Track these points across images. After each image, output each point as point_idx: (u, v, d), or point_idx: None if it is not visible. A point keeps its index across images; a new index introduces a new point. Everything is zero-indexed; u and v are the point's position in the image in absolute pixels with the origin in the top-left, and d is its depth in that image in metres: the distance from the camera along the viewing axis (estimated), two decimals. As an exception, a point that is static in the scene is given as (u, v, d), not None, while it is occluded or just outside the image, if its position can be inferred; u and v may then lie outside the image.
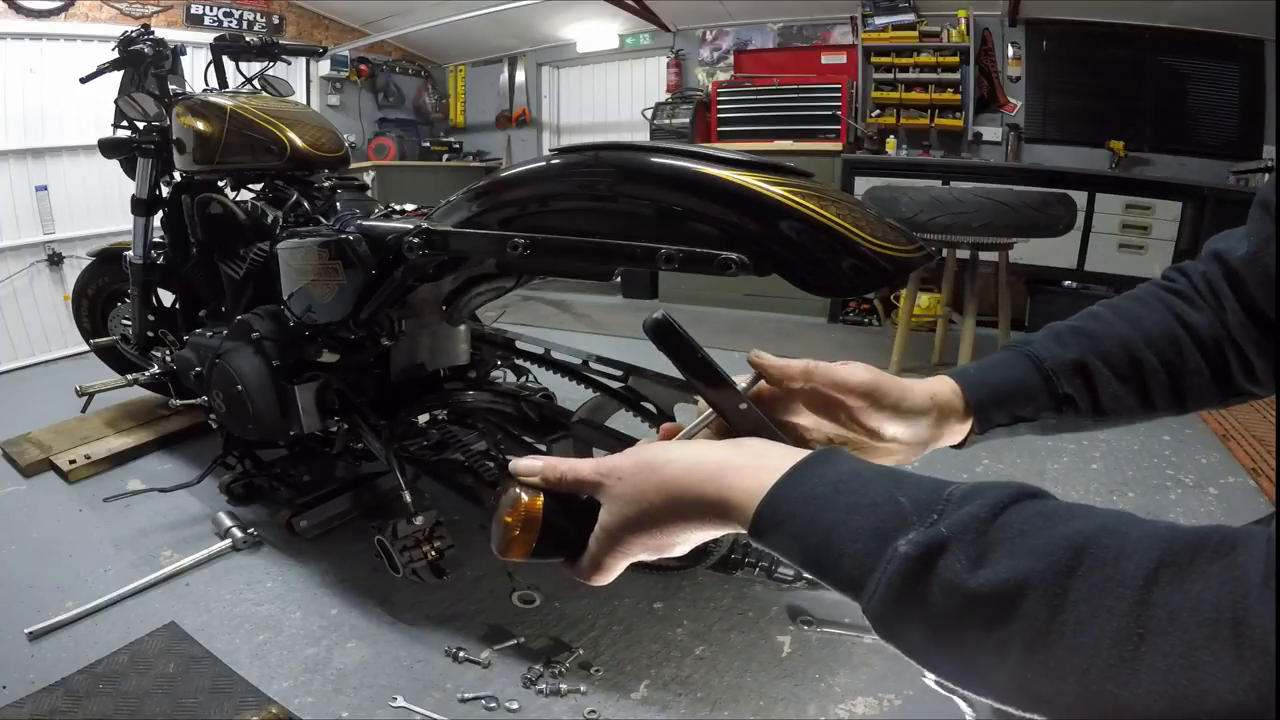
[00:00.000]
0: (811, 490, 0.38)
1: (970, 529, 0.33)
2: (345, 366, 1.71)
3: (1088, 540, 0.31)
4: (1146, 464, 2.38)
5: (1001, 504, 0.34)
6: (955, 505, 0.34)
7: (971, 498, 0.34)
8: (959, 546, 0.32)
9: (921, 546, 0.33)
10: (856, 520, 0.36)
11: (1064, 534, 0.32)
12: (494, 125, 6.11)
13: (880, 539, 0.34)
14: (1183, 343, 0.58)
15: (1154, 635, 0.28)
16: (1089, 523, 0.32)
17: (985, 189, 2.92)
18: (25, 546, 1.92)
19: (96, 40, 3.76)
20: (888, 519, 0.35)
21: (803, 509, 0.38)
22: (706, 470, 0.41)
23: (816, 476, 0.39)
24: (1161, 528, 0.31)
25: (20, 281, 3.76)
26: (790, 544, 0.38)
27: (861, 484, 0.37)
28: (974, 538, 0.32)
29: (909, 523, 0.34)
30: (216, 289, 2.03)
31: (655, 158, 1.02)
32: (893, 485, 0.37)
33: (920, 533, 0.33)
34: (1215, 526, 0.30)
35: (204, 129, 1.88)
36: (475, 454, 1.77)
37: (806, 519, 0.37)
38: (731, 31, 5.14)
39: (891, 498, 0.36)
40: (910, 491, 0.36)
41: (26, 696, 1.35)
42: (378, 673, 1.46)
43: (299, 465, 2.08)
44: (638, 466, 0.43)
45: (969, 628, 0.32)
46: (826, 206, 0.90)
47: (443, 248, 1.28)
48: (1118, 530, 0.31)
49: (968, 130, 4.53)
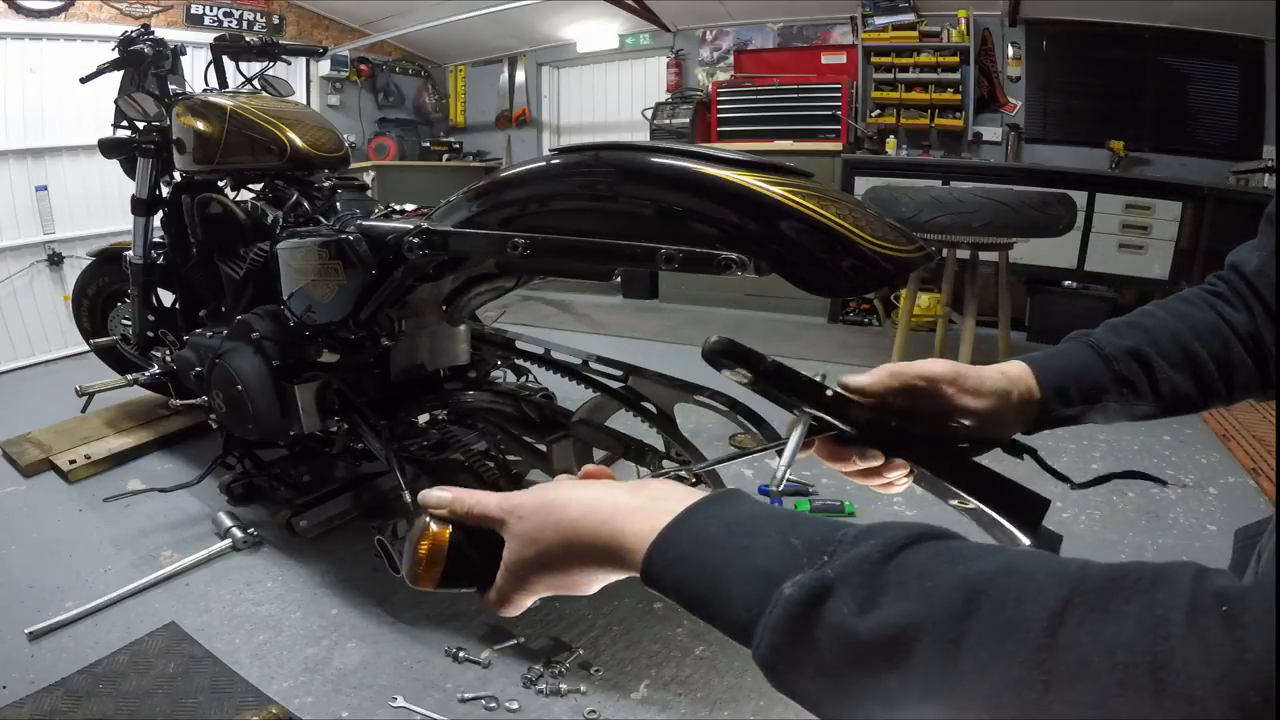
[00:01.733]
0: (704, 531, 0.37)
1: (860, 571, 0.31)
2: (345, 366, 1.71)
3: (987, 581, 0.29)
4: (1146, 464, 2.38)
5: (897, 544, 0.32)
6: (847, 546, 0.33)
7: (865, 538, 0.33)
8: (846, 589, 0.31)
9: (806, 589, 0.31)
10: (746, 562, 0.34)
11: (962, 574, 0.30)
12: (494, 125, 6.11)
13: (768, 582, 0.33)
14: (1228, 338, 0.61)
15: (1062, 682, 0.26)
16: (991, 563, 0.30)
17: (985, 189, 2.92)
18: (25, 546, 1.92)
19: (96, 40, 3.76)
20: (777, 561, 0.33)
21: (693, 551, 0.36)
22: (602, 513, 0.40)
23: (710, 517, 0.37)
24: (1073, 565, 0.29)
25: (20, 281, 3.76)
26: (680, 587, 0.36)
27: (755, 525, 0.36)
28: (863, 580, 0.31)
29: (799, 565, 0.33)
30: (216, 289, 2.03)
31: (655, 158, 1.02)
32: (787, 526, 0.35)
33: (807, 575, 0.32)
34: (1135, 563, 0.28)
35: (204, 129, 1.88)
36: (475, 454, 1.77)
37: (697, 560, 0.36)
38: (731, 31, 5.14)
39: (784, 539, 0.34)
40: (804, 533, 0.35)
41: (26, 696, 1.35)
42: (378, 673, 1.46)
43: (299, 465, 2.08)
44: (537, 506, 0.43)
45: (859, 675, 0.30)
46: (826, 206, 0.90)
47: (443, 248, 1.28)
48: (1022, 570, 0.29)
49: (968, 130, 4.53)
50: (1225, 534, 1.90)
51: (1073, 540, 1.93)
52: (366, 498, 2.08)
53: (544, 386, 1.87)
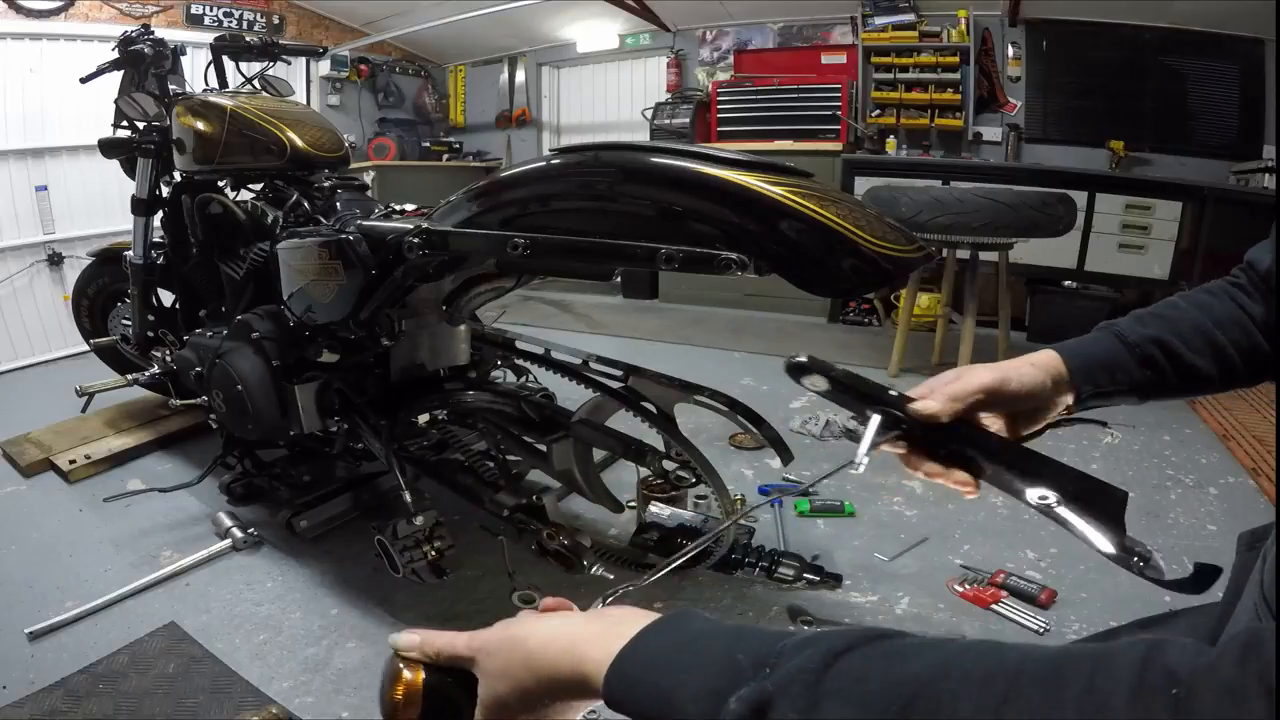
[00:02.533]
0: (655, 654, 0.38)
1: (798, 681, 0.32)
2: (345, 366, 1.71)
3: (923, 684, 0.29)
4: (1146, 464, 2.38)
5: (835, 651, 0.33)
6: (788, 657, 0.34)
7: (804, 647, 0.34)
8: (785, 700, 0.32)
9: (748, 703, 0.32)
10: (697, 682, 0.35)
11: (898, 678, 0.30)
12: (494, 125, 6.11)
13: (715, 699, 0.34)
14: (1248, 326, 0.64)
15: None
16: (928, 663, 0.30)
17: (985, 189, 2.92)
18: (25, 546, 1.92)
19: (96, 40, 3.76)
20: (723, 677, 0.34)
21: (646, 673, 0.38)
22: (562, 643, 0.42)
23: (661, 640, 0.39)
24: (1012, 659, 0.29)
25: (20, 281, 3.76)
26: (639, 709, 0.37)
27: (703, 644, 0.37)
28: (802, 690, 0.31)
29: (743, 679, 0.34)
30: (216, 289, 2.03)
31: (655, 158, 1.02)
32: (732, 642, 0.37)
33: (750, 689, 0.33)
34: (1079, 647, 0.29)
35: (204, 129, 1.88)
36: (475, 454, 1.77)
37: (650, 683, 0.37)
38: (731, 31, 5.14)
39: (729, 655, 0.36)
40: (748, 647, 0.36)
41: (26, 696, 1.35)
42: (378, 673, 1.45)
43: (299, 465, 2.07)
44: (502, 642, 0.44)
45: None
46: (826, 206, 0.90)
47: (443, 248, 1.28)
48: (959, 669, 0.29)
49: (968, 130, 4.53)
50: (1225, 534, 1.90)
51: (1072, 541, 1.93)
52: (366, 498, 2.08)
53: (544, 386, 1.87)
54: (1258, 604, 0.50)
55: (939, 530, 1.95)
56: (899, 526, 1.98)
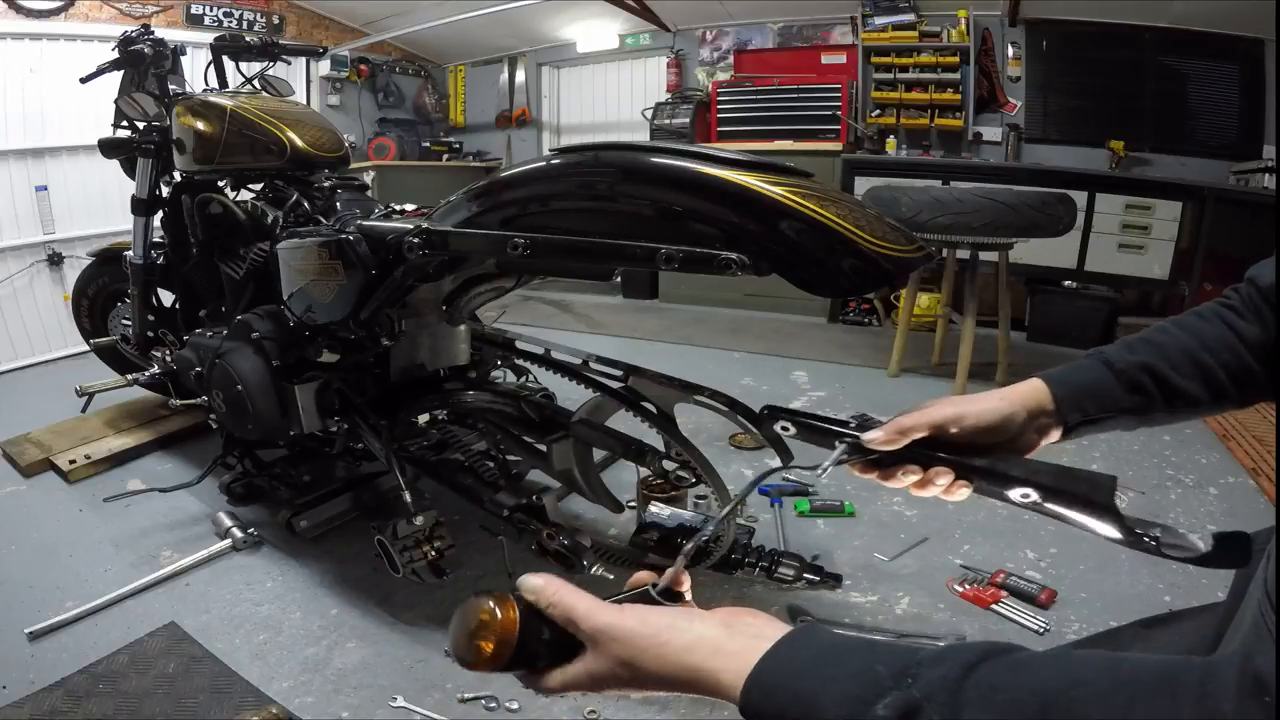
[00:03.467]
0: (795, 665, 0.41)
1: (942, 689, 0.35)
2: (345, 366, 1.71)
3: (1056, 692, 0.32)
4: (1146, 464, 2.38)
5: (970, 664, 0.36)
6: (928, 668, 0.37)
7: (941, 660, 0.37)
8: (932, 708, 0.34)
9: (898, 710, 0.35)
10: (837, 690, 0.38)
11: (1031, 687, 0.33)
12: (494, 125, 6.11)
13: (860, 705, 0.37)
14: (1238, 348, 0.65)
15: None
16: (1055, 674, 0.34)
17: (985, 189, 2.92)
18: (25, 546, 1.92)
19: (96, 40, 3.76)
20: (866, 687, 0.37)
21: (788, 682, 0.40)
22: (705, 652, 0.44)
23: (798, 651, 0.42)
24: (1126, 671, 0.33)
25: (20, 281, 3.76)
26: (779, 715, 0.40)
27: (840, 655, 0.40)
28: (946, 698, 0.34)
29: (885, 689, 0.36)
30: (216, 289, 2.03)
31: (655, 158, 1.02)
32: (869, 655, 0.40)
33: (895, 697, 0.36)
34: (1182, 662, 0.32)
35: (204, 129, 1.88)
36: (475, 454, 1.77)
37: (791, 692, 0.40)
38: (731, 31, 5.14)
39: (869, 666, 0.38)
40: (886, 659, 0.39)
41: (26, 696, 1.35)
42: (378, 673, 1.46)
43: (299, 465, 2.08)
44: (634, 635, 0.46)
45: None
46: (826, 206, 0.90)
47: (443, 248, 1.28)
48: (1083, 678, 0.33)
49: (968, 130, 4.53)
50: (1225, 534, 1.90)
51: (1072, 541, 1.93)
52: (366, 498, 2.08)
53: (544, 386, 1.87)
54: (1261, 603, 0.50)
55: (939, 530, 1.95)
56: (899, 526, 1.98)
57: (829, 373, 3.43)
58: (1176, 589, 1.69)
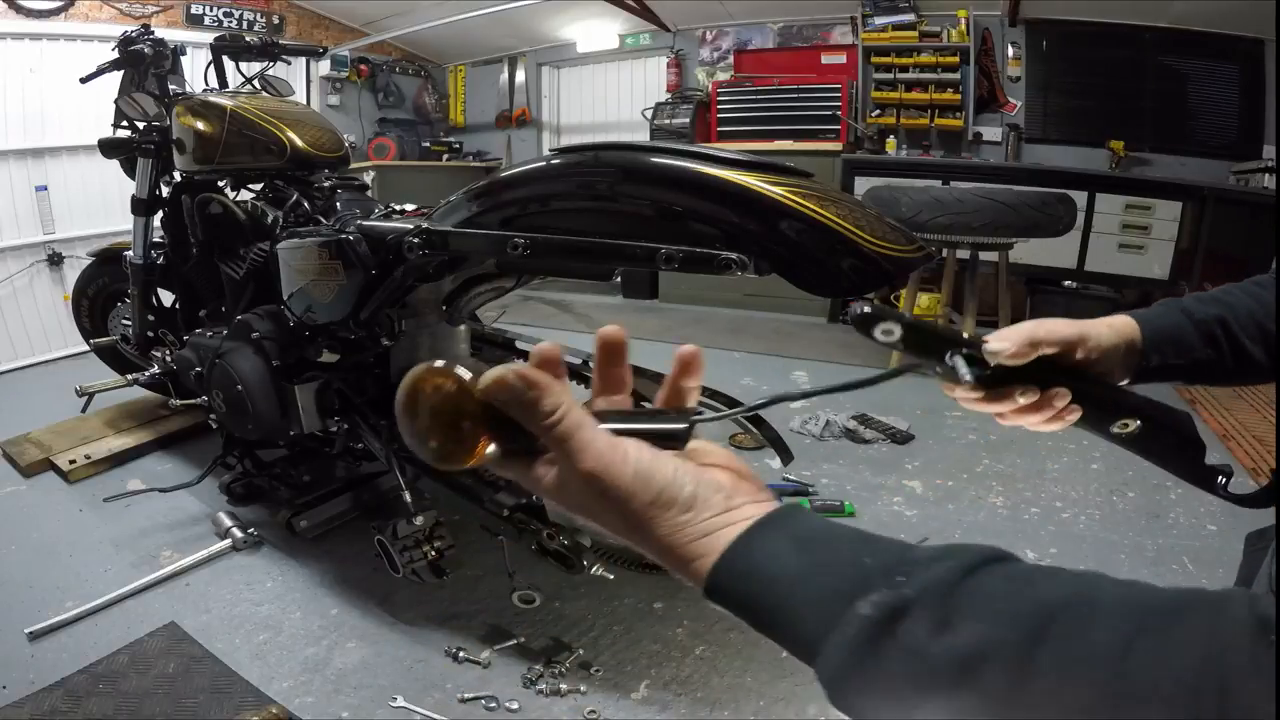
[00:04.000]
0: (772, 547, 0.36)
1: (935, 590, 0.31)
2: (345, 366, 1.71)
3: (1057, 607, 0.30)
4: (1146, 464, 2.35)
5: (969, 567, 0.32)
6: (922, 566, 0.33)
7: (939, 559, 0.33)
8: (922, 610, 0.31)
9: (883, 608, 0.31)
10: (818, 580, 0.34)
11: (1032, 599, 0.30)
12: (494, 125, 6.11)
13: (841, 600, 0.33)
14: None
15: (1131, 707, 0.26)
16: (1059, 587, 0.31)
17: (985, 189, 2.92)
18: (25, 546, 1.92)
19: (96, 40, 3.76)
20: (851, 579, 0.33)
21: (763, 567, 0.36)
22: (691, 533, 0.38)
23: (778, 534, 0.37)
24: (1136, 592, 0.30)
25: (20, 281, 3.76)
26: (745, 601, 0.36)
27: (826, 543, 0.36)
28: (938, 601, 0.31)
29: (872, 583, 0.33)
30: (216, 289, 2.03)
31: (655, 158, 1.02)
32: (858, 546, 0.35)
33: (882, 594, 0.32)
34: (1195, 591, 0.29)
35: (204, 129, 1.88)
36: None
37: (765, 579, 0.35)
38: (731, 31, 5.14)
39: (856, 558, 0.34)
40: (875, 552, 0.35)
41: (26, 696, 1.35)
42: (378, 673, 1.46)
43: (299, 465, 2.08)
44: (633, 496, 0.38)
45: (928, 697, 0.30)
46: (826, 206, 0.90)
47: (443, 248, 1.28)
48: (1090, 596, 0.30)
49: (968, 130, 4.53)
50: (1225, 534, 1.90)
51: (1072, 541, 1.94)
52: (366, 498, 2.08)
53: (544, 386, 1.86)
54: None
55: (939, 530, 1.95)
56: (899, 526, 1.98)
57: (829, 373, 3.43)
58: (1176, 589, 1.69)
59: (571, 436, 0.38)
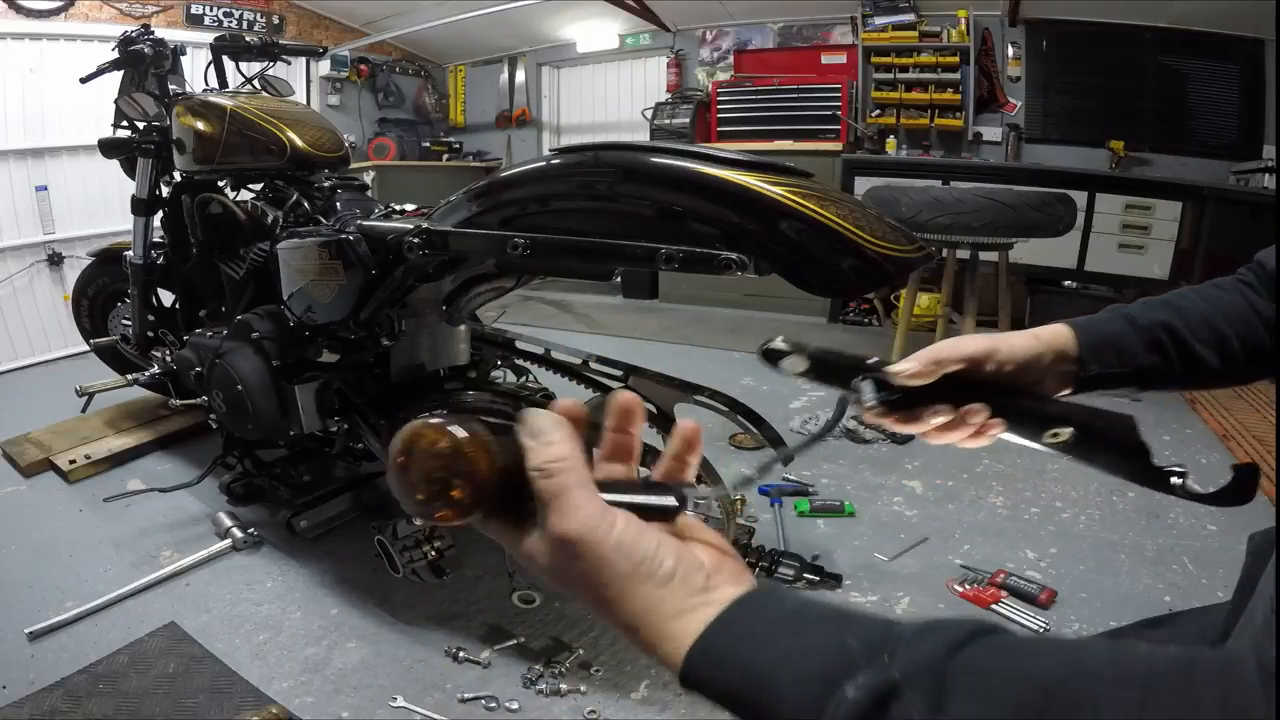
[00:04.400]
0: (750, 630, 0.35)
1: (925, 670, 0.30)
2: (345, 366, 1.71)
3: (1056, 683, 0.28)
4: (1146, 464, 2.38)
5: (956, 643, 0.31)
6: (906, 644, 0.32)
7: (924, 636, 0.32)
8: (913, 690, 0.29)
9: (871, 691, 0.30)
10: (800, 664, 0.33)
11: (1030, 676, 0.29)
12: (494, 125, 6.11)
13: (826, 685, 0.31)
14: (1254, 323, 0.64)
15: None
16: (1056, 662, 0.29)
17: (985, 189, 2.91)
18: (25, 546, 1.92)
19: (96, 40, 3.76)
20: (834, 663, 0.32)
21: (740, 652, 0.34)
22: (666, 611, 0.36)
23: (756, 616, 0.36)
24: (1138, 663, 0.29)
25: (20, 281, 3.76)
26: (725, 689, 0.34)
27: (805, 624, 0.35)
28: (930, 681, 0.30)
29: (857, 666, 0.31)
30: (216, 289, 2.03)
31: (655, 158, 1.02)
32: (839, 625, 0.34)
33: (869, 675, 0.30)
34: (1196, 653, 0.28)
35: (204, 129, 1.88)
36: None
37: (742, 665, 0.34)
38: (731, 31, 5.14)
39: (838, 639, 0.33)
40: (858, 632, 0.33)
41: (26, 696, 1.35)
42: (378, 673, 1.46)
43: (299, 465, 2.08)
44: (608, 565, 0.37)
45: None
46: (827, 206, 0.90)
47: (443, 248, 1.28)
48: (1089, 670, 0.28)
49: (968, 130, 4.53)
50: (1225, 534, 1.90)
51: (1072, 540, 1.94)
52: (366, 498, 2.08)
53: (544, 386, 1.87)
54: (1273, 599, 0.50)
55: (939, 530, 1.95)
56: (899, 526, 1.98)
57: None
58: (1176, 589, 1.69)
59: (562, 495, 0.37)
